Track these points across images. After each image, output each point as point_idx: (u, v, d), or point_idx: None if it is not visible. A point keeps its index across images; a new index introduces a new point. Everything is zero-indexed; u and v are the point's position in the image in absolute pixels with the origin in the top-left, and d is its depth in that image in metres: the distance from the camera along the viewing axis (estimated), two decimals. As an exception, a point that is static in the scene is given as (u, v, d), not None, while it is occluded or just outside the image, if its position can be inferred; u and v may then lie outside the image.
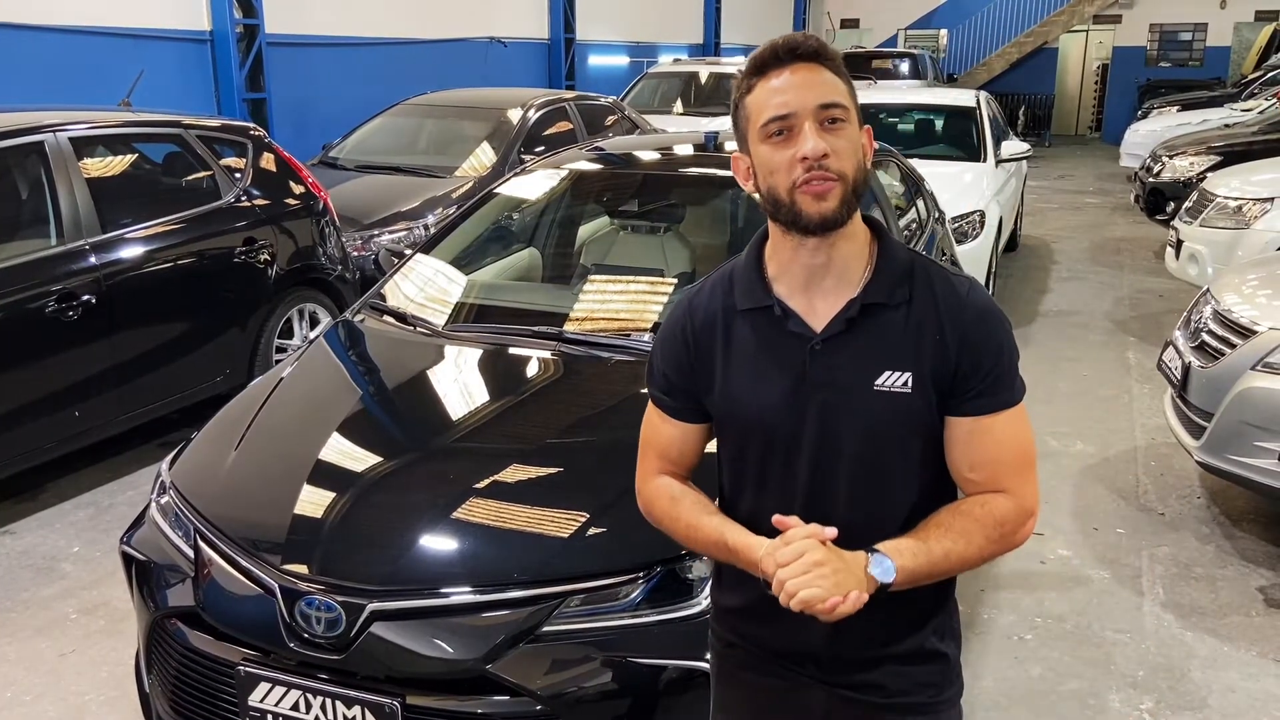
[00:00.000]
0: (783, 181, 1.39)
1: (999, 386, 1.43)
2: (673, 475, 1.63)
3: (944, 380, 1.43)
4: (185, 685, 2.36)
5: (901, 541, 1.41)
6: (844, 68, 1.44)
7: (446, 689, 2.12)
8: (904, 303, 1.44)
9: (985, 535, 1.43)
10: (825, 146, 1.36)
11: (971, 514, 1.43)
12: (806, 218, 1.39)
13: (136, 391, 4.44)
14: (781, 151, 1.39)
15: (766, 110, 1.40)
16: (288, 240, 5.22)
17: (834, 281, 1.45)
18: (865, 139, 1.44)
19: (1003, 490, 1.45)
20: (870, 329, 1.44)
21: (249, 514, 2.44)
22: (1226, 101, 13.77)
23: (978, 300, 1.46)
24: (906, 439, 1.45)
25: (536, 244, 4.08)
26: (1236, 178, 7.05)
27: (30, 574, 3.77)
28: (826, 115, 1.38)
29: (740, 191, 3.88)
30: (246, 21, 9.29)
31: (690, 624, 2.12)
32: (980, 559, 1.44)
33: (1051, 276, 8.75)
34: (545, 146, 7.09)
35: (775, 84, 1.40)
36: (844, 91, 1.41)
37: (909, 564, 1.38)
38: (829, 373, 1.44)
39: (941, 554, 1.40)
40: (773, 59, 1.41)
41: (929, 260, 1.52)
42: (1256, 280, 4.39)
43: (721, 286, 1.55)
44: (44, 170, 4.23)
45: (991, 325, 1.45)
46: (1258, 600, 3.65)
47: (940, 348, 1.42)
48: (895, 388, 1.42)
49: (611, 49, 16.10)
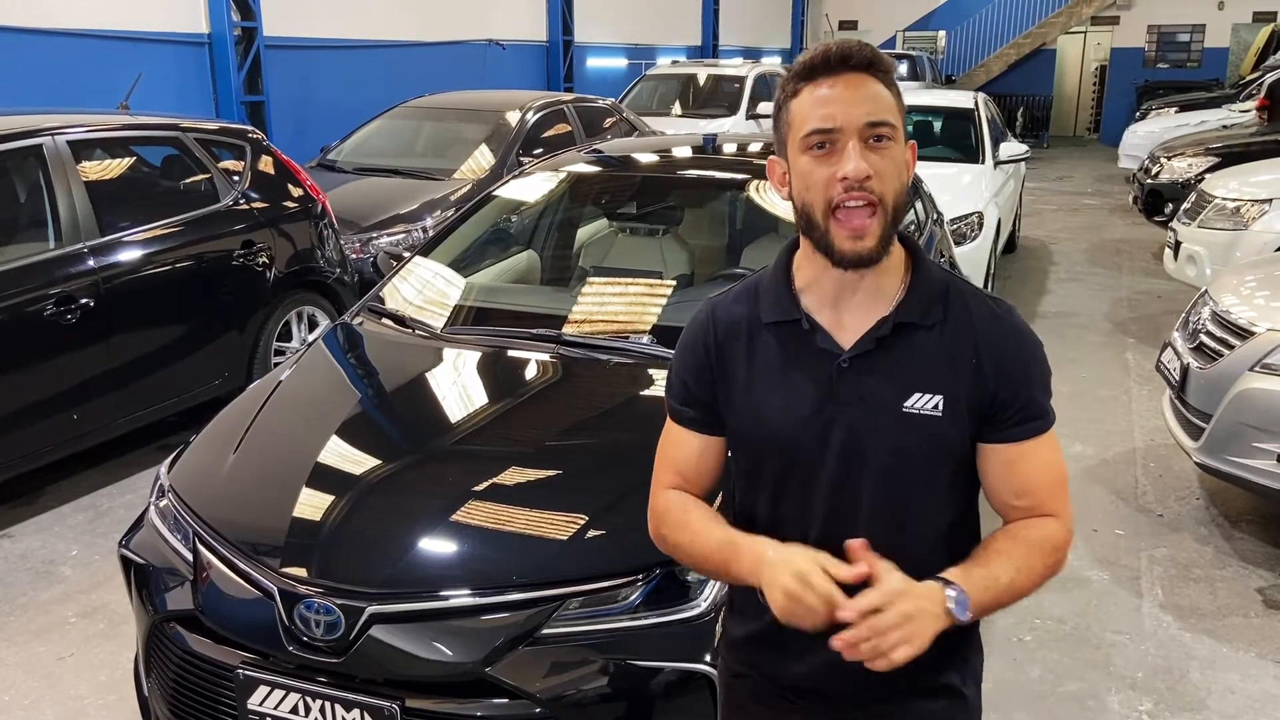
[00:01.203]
0: (819, 199, 1.33)
1: (1037, 412, 1.39)
2: (685, 491, 1.57)
3: (980, 407, 1.38)
4: (184, 689, 2.35)
5: (972, 571, 1.34)
6: (895, 80, 1.38)
7: (446, 692, 2.12)
8: (938, 323, 1.39)
9: (1044, 562, 1.38)
10: (868, 169, 1.30)
11: (1030, 540, 1.38)
12: (839, 254, 1.34)
13: (135, 394, 4.44)
14: (822, 167, 1.33)
15: (810, 120, 1.33)
16: (286, 243, 5.22)
17: (865, 298, 1.40)
18: (909, 154, 1.39)
19: (1048, 514, 1.41)
20: (902, 349, 1.39)
21: (248, 517, 2.44)
22: (1225, 103, 13.78)
23: (1015, 324, 1.42)
24: (934, 463, 1.40)
25: (535, 246, 4.08)
26: (1235, 179, 7.06)
27: (29, 577, 3.76)
28: (873, 133, 1.32)
29: (739, 194, 3.92)
30: (244, 24, 9.29)
31: (689, 626, 2.12)
32: (1034, 588, 1.39)
33: (1050, 278, 8.75)
34: (544, 149, 7.10)
35: (823, 93, 1.33)
36: (893, 107, 1.35)
37: (980, 598, 1.32)
38: (856, 391, 1.38)
39: (1007, 584, 1.34)
40: (823, 65, 1.34)
41: (965, 281, 1.47)
42: (1255, 281, 4.40)
43: (747, 296, 1.49)
44: (42, 173, 4.23)
45: (1029, 350, 1.41)
46: (1256, 601, 3.65)
47: (976, 373, 1.38)
48: (926, 410, 1.37)
49: (610, 51, 16.11)
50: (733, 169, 4.08)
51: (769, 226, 3.77)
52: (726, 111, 11.83)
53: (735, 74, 12.58)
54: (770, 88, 12.56)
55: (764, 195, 3.74)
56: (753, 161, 4.14)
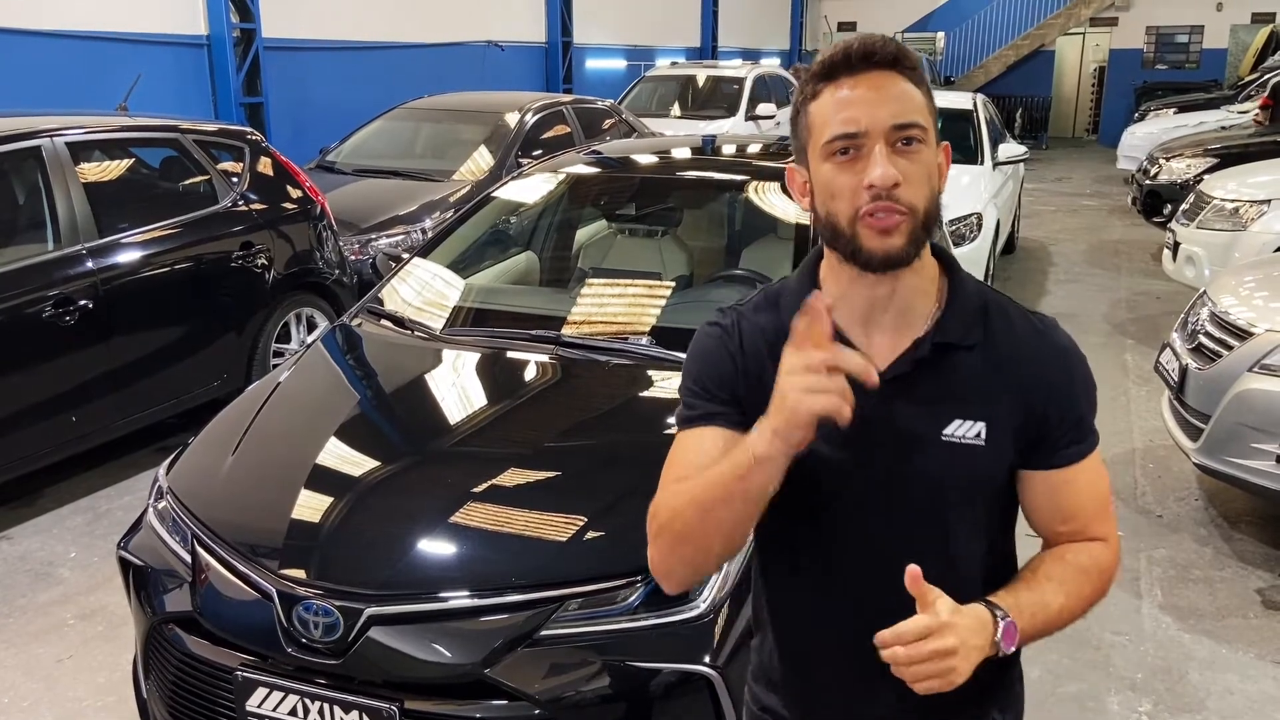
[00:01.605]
0: (844, 209, 1.23)
1: (1083, 433, 1.31)
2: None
3: (1025, 433, 1.29)
4: (183, 691, 2.35)
5: (1021, 596, 1.26)
6: (924, 76, 1.26)
7: (444, 693, 2.11)
8: (977, 344, 1.29)
9: (1092, 588, 1.32)
10: (896, 174, 1.19)
11: (1080, 566, 1.31)
12: (868, 254, 1.23)
13: (133, 396, 4.44)
14: (846, 174, 1.22)
15: (832, 125, 1.22)
16: (285, 244, 5.22)
17: (896, 316, 1.29)
18: (942, 157, 1.28)
19: (1096, 537, 1.34)
20: (939, 372, 1.28)
21: (246, 519, 2.43)
22: (1223, 104, 13.79)
23: (1059, 341, 1.33)
24: (974, 491, 1.30)
25: (534, 248, 4.08)
26: (1233, 180, 7.06)
27: (28, 579, 3.76)
28: (901, 136, 1.21)
29: (738, 195, 3.92)
30: (243, 26, 9.29)
31: (688, 627, 2.12)
32: (1081, 614, 1.33)
33: (1049, 279, 8.75)
34: (542, 150, 7.10)
35: (844, 94, 1.22)
36: (923, 107, 1.24)
37: (1028, 625, 1.25)
38: (890, 418, 1.27)
39: (1056, 611, 1.28)
40: (844, 64, 1.23)
41: (1004, 297, 1.38)
42: (1253, 282, 4.40)
43: (768, 305, 1.38)
44: (41, 175, 4.23)
45: (1075, 368, 1.32)
46: (1255, 602, 3.65)
47: (1020, 396, 1.28)
48: (966, 438, 1.27)
49: (609, 52, 16.11)
50: (732, 170, 4.07)
51: (768, 228, 3.77)
52: (725, 113, 11.83)
53: (734, 75, 12.58)
54: (769, 89, 12.57)
55: (763, 197, 3.74)
56: (752, 163, 4.14)
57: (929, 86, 1.27)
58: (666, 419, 2.82)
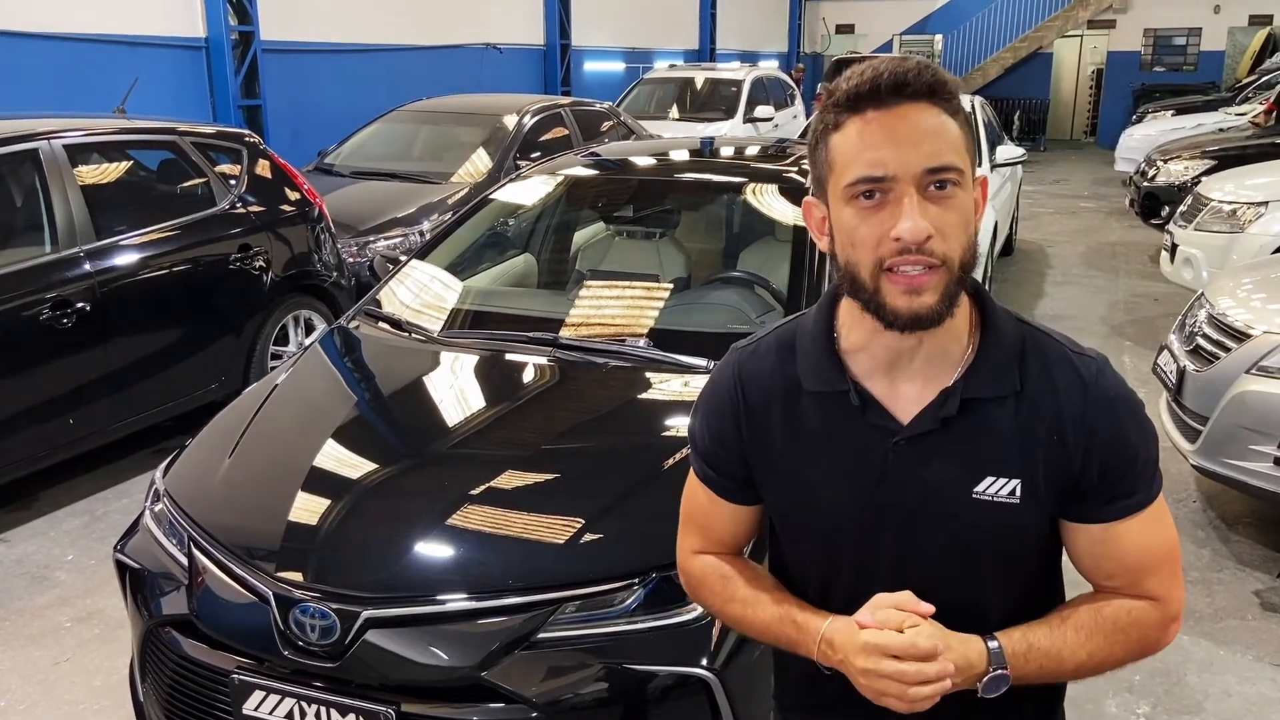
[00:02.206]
0: (866, 258, 1.11)
1: (1135, 488, 1.18)
2: (718, 555, 1.38)
3: (1064, 486, 1.18)
4: (179, 694, 2.35)
5: (1036, 641, 1.17)
6: (961, 105, 1.13)
7: (441, 696, 2.11)
8: (1013, 393, 1.18)
9: (1126, 650, 1.20)
10: (928, 228, 1.07)
11: (1117, 623, 1.20)
12: (893, 313, 1.11)
13: (131, 399, 4.43)
14: (869, 222, 1.10)
15: (855, 165, 1.10)
16: (283, 247, 5.22)
17: (925, 364, 1.19)
18: (980, 194, 1.15)
19: (1147, 596, 1.21)
20: (970, 426, 1.18)
21: (243, 521, 2.43)
22: (1221, 106, 13.81)
23: (1108, 387, 1.19)
24: (1008, 550, 1.21)
25: (532, 250, 4.08)
26: (1231, 182, 7.07)
27: (24, 582, 3.75)
28: (934, 180, 1.09)
29: (736, 197, 3.92)
30: (241, 28, 9.29)
31: (686, 630, 2.12)
32: (1107, 670, 1.22)
33: (1047, 281, 8.76)
34: (541, 152, 7.10)
35: (872, 131, 1.09)
36: (959, 144, 1.11)
37: (1030, 674, 1.17)
38: (917, 475, 1.19)
39: (1072, 668, 1.18)
40: (871, 95, 1.10)
41: (1043, 333, 1.24)
42: (1251, 284, 4.40)
43: (781, 351, 1.28)
44: (38, 178, 4.22)
45: (1124, 418, 1.18)
46: (1254, 604, 3.65)
47: (1060, 449, 1.17)
48: (1000, 497, 1.17)
49: (607, 55, 16.12)
50: (730, 173, 4.07)
51: (766, 230, 3.77)
52: (724, 115, 11.84)
53: (732, 78, 12.60)
54: (767, 91, 12.59)
55: (761, 199, 3.74)
56: (750, 165, 4.14)
57: (967, 115, 1.15)
58: (664, 421, 2.83)
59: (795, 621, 1.24)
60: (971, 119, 7.77)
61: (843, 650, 1.17)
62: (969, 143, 1.13)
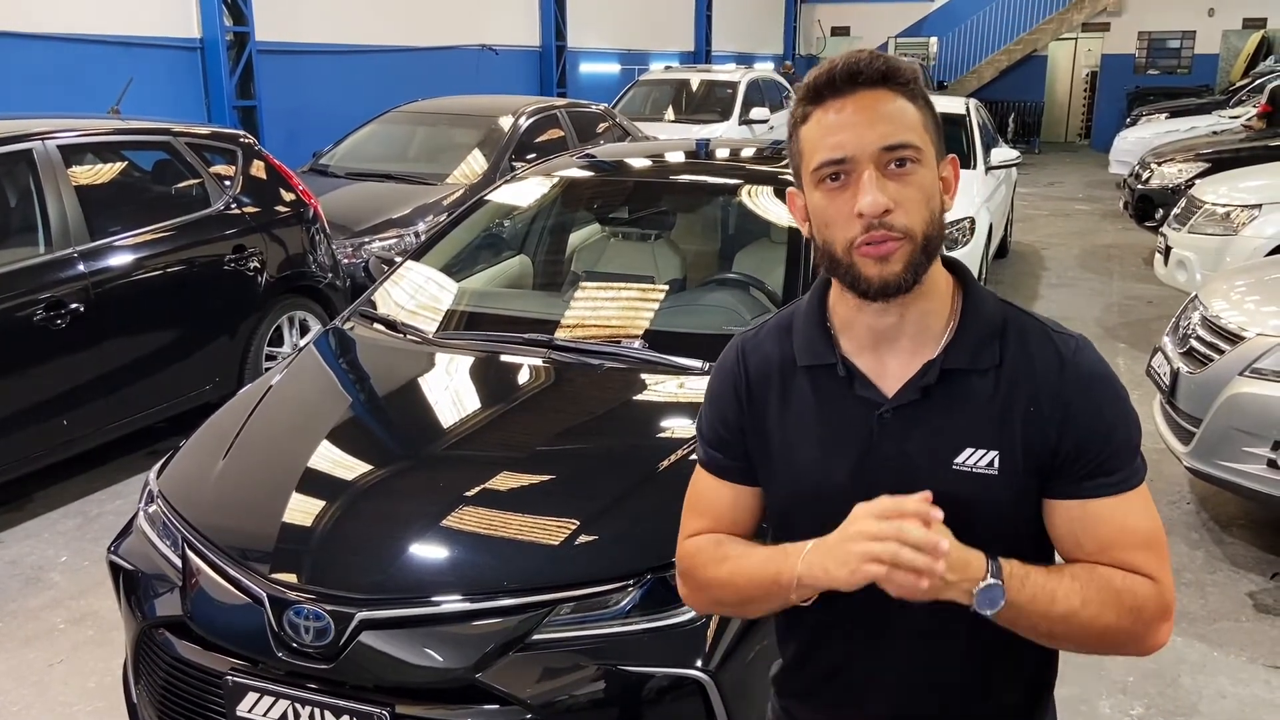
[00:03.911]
0: (839, 237, 1.19)
1: (1112, 466, 1.21)
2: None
3: (1041, 460, 1.21)
4: (173, 695, 2.34)
5: (1032, 574, 1.17)
6: (921, 87, 1.21)
7: (436, 698, 2.11)
8: (993, 367, 1.23)
9: (1118, 615, 1.19)
10: (886, 201, 1.15)
11: (1113, 584, 1.19)
12: (865, 281, 1.19)
13: (125, 400, 4.43)
14: (836, 202, 1.18)
15: (819, 151, 1.18)
16: (278, 248, 5.21)
17: (909, 339, 1.25)
18: (949, 171, 1.23)
19: (1138, 571, 1.21)
20: (951, 397, 1.23)
21: (237, 523, 2.43)
22: (1215, 109, 13.85)
23: (1085, 363, 1.23)
24: (990, 523, 1.22)
25: (527, 251, 4.08)
26: (1224, 184, 7.09)
27: (18, 584, 3.74)
28: (892, 158, 1.16)
29: (731, 199, 3.92)
30: (237, 29, 9.27)
31: (681, 631, 2.12)
32: (1091, 641, 1.21)
33: (1041, 283, 8.78)
34: (536, 154, 7.10)
35: (831, 118, 1.18)
36: (916, 123, 1.18)
37: (1021, 602, 1.16)
38: (900, 446, 1.24)
39: (1061, 613, 1.17)
40: (828, 85, 1.18)
41: (1025, 314, 1.29)
42: (1244, 286, 4.41)
43: (780, 333, 1.35)
44: (32, 178, 4.22)
45: (1101, 394, 1.22)
46: (1247, 605, 3.66)
47: (1036, 422, 1.21)
48: (978, 468, 1.21)
49: (603, 56, 16.13)
50: (725, 174, 4.08)
51: (761, 232, 3.77)
52: (719, 117, 11.84)
53: (728, 79, 12.60)
54: (763, 93, 12.59)
55: (756, 201, 3.74)
56: (745, 167, 4.14)
57: (928, 99, 1.22)
58: (659, 422, 2.83)
59: (784, 551, 1.23)
60: (966, 120, 7.75)
61: (830, 542, 1.16)
62: (931, 122, 1.21)
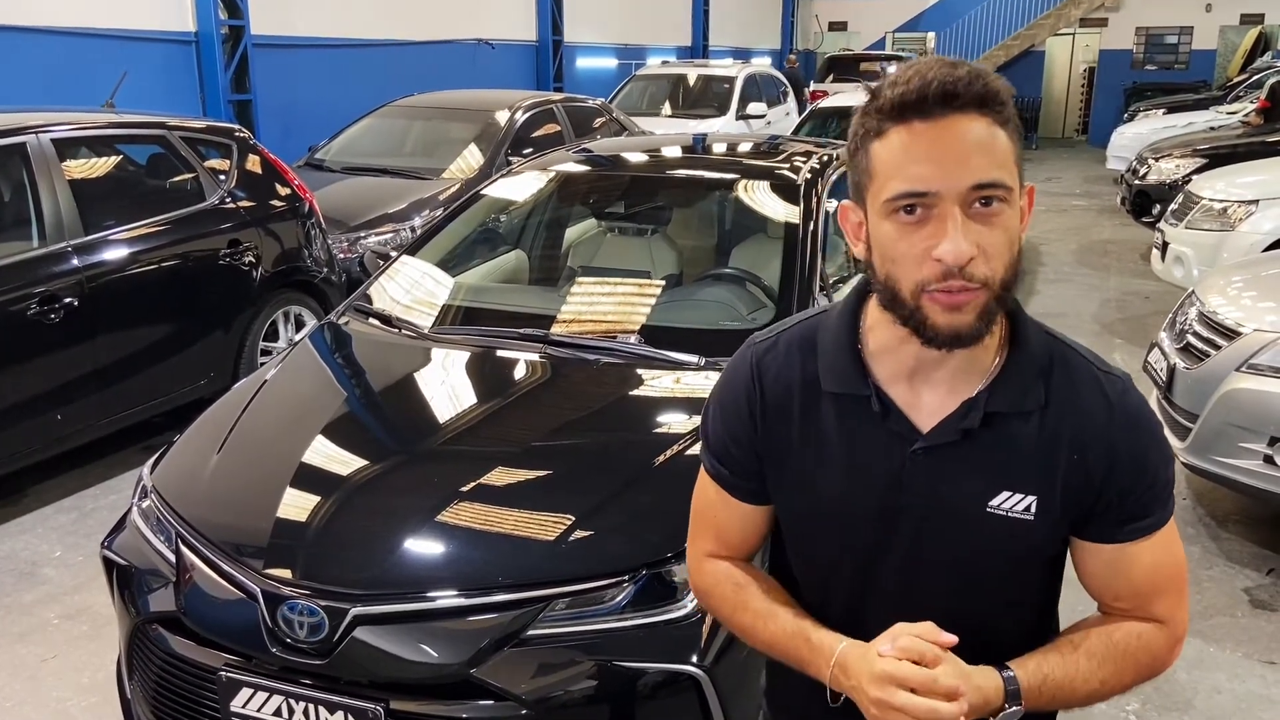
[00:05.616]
0: (907, 276, 1.07)
1: (1151, 510, 1.18)
2: (731, 561, 1.35)
3: (1081, 504, 1.17)
4: (167, 691, 2.34)
5: (1050, 670, 1.15)
6: (1014, 111, 1.08)
7: (430, 694, 2.10)
8: (1038, 409, 1.15)
9: (1135, 674, 1.20)
10: (971, 250, 1.03)
11: (1127, 649, 1.19)
12: (932, 330, 1.08)
13: (119, 395, 4.41)
14: (910, 239, 1.06)
15: (898, 179, 1.05)
16: (273, 242, 5.19)
17: (950, 374, 1.16)
18: (1026, 200, 1.11)
19: (1155, 619, 1.21)
20: (991, 439, 1.15)
21: (231, 518, 2.42)
22: (1212, 104, 13.84)
23: (1130, 408, 1.17)
24: (1018, 566, 1.19)
25: (523, 246, 4.07)
26: (1222, 180, 7.09)
27: (11, 579, 3.73)
28: (979, 196, 1.04)
29: (728, 194, 3.91)
30: (232, 23, 9.25)
31: (675, 627, 2.11)
32: (1115, 695, 1.21)
33: (1038, 278, 8.78)
34: (533, 148, 7.08)
35: (917, 143, 1.04)
36: (1008, 158, 1.06)
37: (1042, 704, 1.16)
38: (932, 485, 1.17)
39: (1083, 696, 1.17)
40: (917, 105, 1.04)
41: (1070, 348, 1.21)
42: (1241, 282, 4.41)
43: (801, 350, 1.24)
44: (26, 172, 4.20)
45: (1145, 438, 1.18)
46: (1243, 601, 3.66)
47: (1080, 467, 1.15)
48: (1015, 512, 1.15)
49: (599, 51, 16.10)
50: (722, 169, 4.07)
51: (757, 227, 3.76)
52: (716, 112, 11.84)
53: (725, 74, 12.59)
54: (760, 88, 12.59)
55: (753, 196, 3.73)
56: (742, 162, 4.13)
57: (1019, 124, 1.09)
58: (655, 418, 2.82)
59: (809, 640, 1.21)
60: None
61: (856, 677, 1.14)
62: (1019, 154, 1.09)
